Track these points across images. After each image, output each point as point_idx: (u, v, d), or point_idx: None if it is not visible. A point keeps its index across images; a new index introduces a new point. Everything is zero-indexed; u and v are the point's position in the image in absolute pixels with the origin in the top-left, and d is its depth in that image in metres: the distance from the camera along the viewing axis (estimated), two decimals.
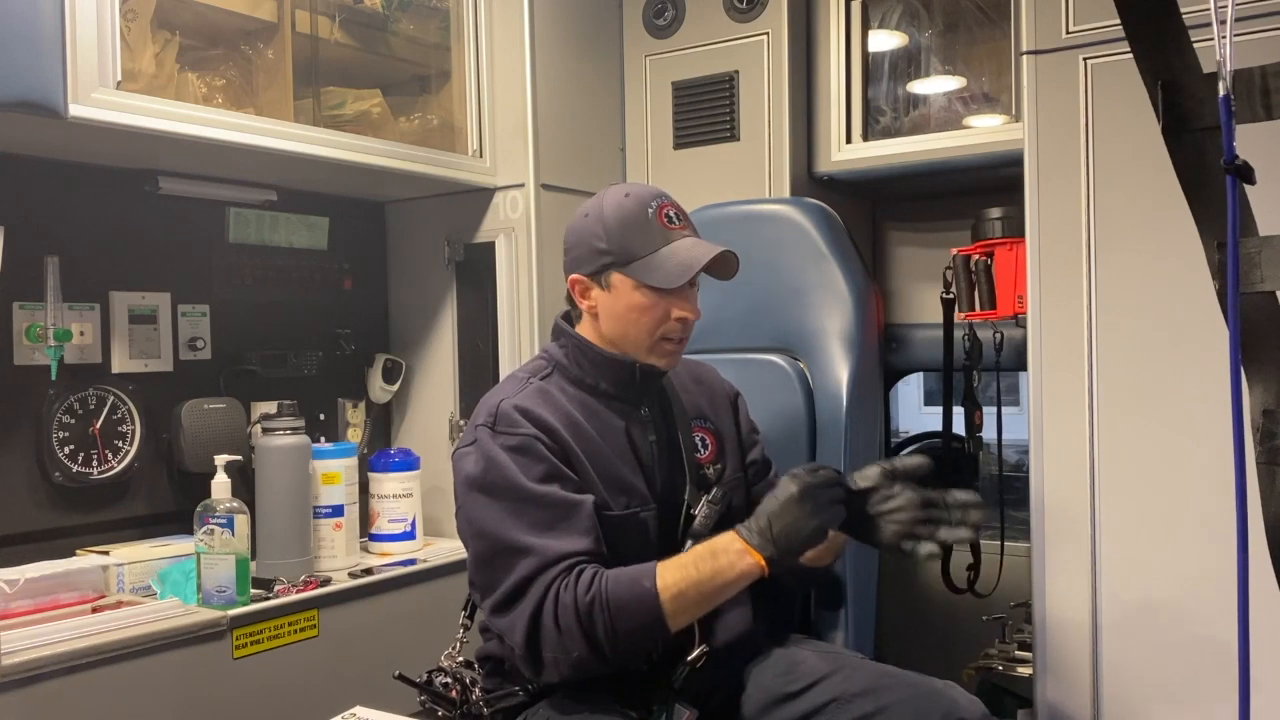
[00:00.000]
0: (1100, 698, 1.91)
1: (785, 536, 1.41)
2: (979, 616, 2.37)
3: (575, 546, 1.45)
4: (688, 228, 1.58)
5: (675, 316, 1.55)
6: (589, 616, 1.40)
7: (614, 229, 1.54)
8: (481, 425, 1.54)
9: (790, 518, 1.41)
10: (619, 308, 1.56)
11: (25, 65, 1.62)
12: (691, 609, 1.44)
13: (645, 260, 1.52)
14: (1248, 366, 1.00)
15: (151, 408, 2.18)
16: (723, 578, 1.43)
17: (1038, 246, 1.96)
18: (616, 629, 1.40)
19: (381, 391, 2.65)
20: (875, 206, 2.87)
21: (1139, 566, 1.88)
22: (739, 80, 2.55)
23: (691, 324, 1.59)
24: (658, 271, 1.52)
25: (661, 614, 1.41)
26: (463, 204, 2.54)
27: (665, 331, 1.56)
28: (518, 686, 1.55)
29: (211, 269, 2.34)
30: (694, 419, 1.69)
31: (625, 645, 1.42)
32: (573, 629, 1.40)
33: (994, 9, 2.44)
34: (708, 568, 1.43)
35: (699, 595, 1.43)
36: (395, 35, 2.48)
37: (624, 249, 1.53)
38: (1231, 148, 0.92)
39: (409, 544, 2.39)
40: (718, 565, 1.43)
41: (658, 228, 1.53)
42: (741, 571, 1.43)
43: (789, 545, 1.42)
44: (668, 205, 1.57)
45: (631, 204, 1.55)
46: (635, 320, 1.56)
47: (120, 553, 1.99)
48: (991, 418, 2.46)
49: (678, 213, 1.58)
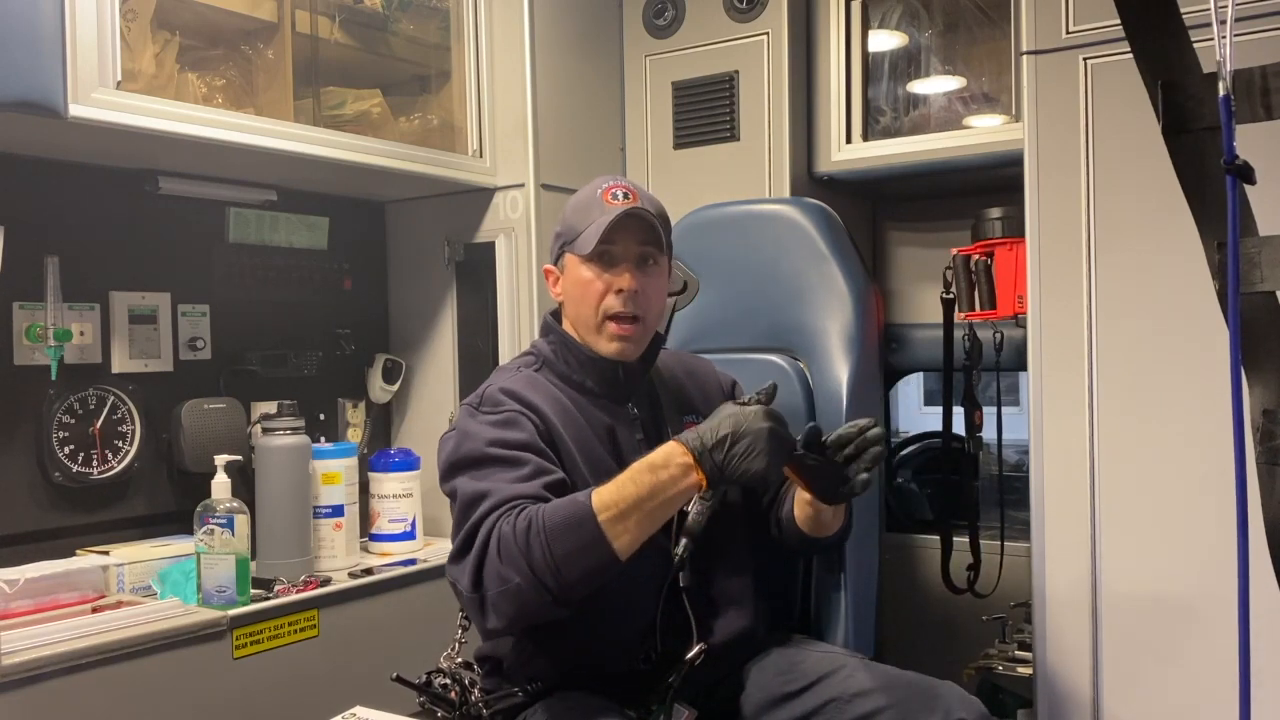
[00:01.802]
0: (1100, 697, 1.91)
1: (732, 466, 1.35)
2: (979, 616, 2.37)
3: (528, 491, 1.41)
4: (633, 204, 1.55)
5: (614, 288, 1.54)
6: (525, 541, 1.34)
7: (568, 213, 1.61)
8: (465, 405, 1.56)
9: (744, 448, 1.34)
10: (569, 286, 1.59)
11: (25, 65, 1.62)
12: (634, 529, 1.35)
13: (582, 234, 1.54)
14: (1248, 366, 1.00)
15: (151, 408, 2.18)
16: (665, 494, 1.35)
17: (1038, 246, 1.96)
18: (554, 551, 1.33)
19: (381, 391, 2.65)
20: (875, 206, 2.87)
21: (1139, 566, 1.88)
22: (739, 80, 2.55)
23: (636, 299, 1.55)
24: (584, 240, 1.53)
25: (600, 533, 1.34)
26: (463, 204, 2.54)
27: (608, 308, 1.55)
28: (517, 687, 1.55)
29: (211, 269, 2.34)
30: (685, 415, 1.67)
31: (567, 570, 1.34)
32: (512, 555, 1.34)
33: (994, 9, 2.44)
34: (647, 482, 1.35)
35: (640, 514, 1.35)
36: (395, 35, 2.48)
37: (571, 228, 1.58)
38: (1231, 148, 0.92)
39: (409, 544, 2.39)
40: (658, 480, 1.35)
41: (599, 204, 1.55)
42: (684, 489, 1.36)
43: (732, 475, 1.35)
44: (617, 186, 1.57)
45: (586, 189, 1.60)
46: (581, 297, 1.57)
47: (120, 553, 1.99)
48: (991, 418, 2.46)
49: (626, 192, 1.56)
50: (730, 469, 1.34)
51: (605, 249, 1.53)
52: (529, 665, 1.56)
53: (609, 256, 1.55)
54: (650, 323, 1.60)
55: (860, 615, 1.87)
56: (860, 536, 1.89)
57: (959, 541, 2.45)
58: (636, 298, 1.55)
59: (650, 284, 1.57)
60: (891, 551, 2.61)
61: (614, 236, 1.53)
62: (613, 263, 1.55)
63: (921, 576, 2.66)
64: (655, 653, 1.51)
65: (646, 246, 1.57)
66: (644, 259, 1.57)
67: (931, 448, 3.00)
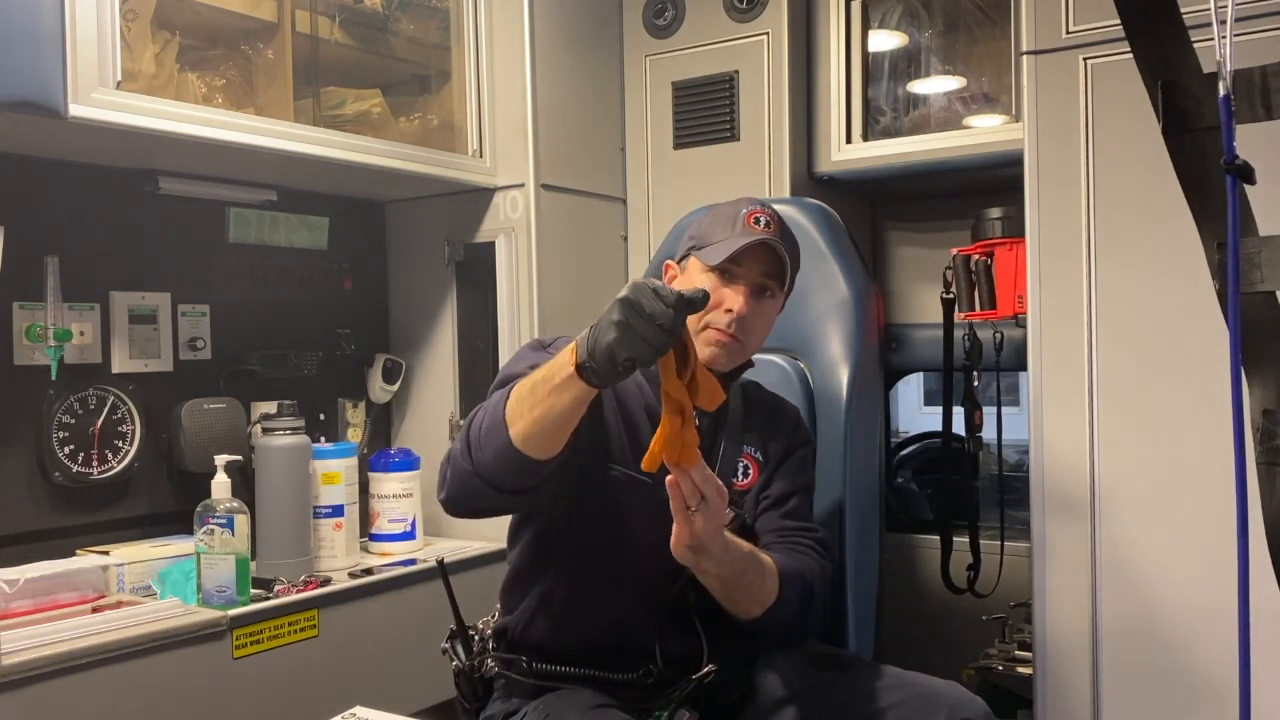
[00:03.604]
0: (1100, 697, 1.91)
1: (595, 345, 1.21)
2: (979, 616, 2.38)
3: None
4: (771, 234, 1.57)
5: (725, 306, 1.56)
6: (473, 416, 1.38)
7: (705, 221, 1.64)
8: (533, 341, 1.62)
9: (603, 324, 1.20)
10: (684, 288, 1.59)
11: (25, 65, 1.62)
12: (527, 414, 1.29)
13: (713, 245, 1.58)
14: (1248, 366, 1.00)
15: (151, 408, 2.18)
16: (551, 379, 1.27)
17: (1038, 246, 1.97)
18: (484, 430, 1.33)
19: (381, 391, 2.65)
20: (875, 206, 2.88)
21: (1139, 566, 1.88)
22: (739, 80, 2.55)
23: (742, 323, 1.56)
24: (714, 252, 1.56)
25: (502, 414, 1.30)
26: (463, 204, 2.54)
27: (713, 321, 1.56)
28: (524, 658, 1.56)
29: (211, 269, 2.34)
30: (745, 444, 1.67)
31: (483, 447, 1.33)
32: (467, 423, 1.39)
33: (994, 9, 2.44)
34: (546, 366, 1.29)
35: (533, 397, 1.28)
36: (395, 35, 2.48)
37: (704, 237, 1.61)
38: (1231, 148, 0.92)
39: (409, 544, 2.39)
40: (553, 364, 1.28)
41: (740, 225, 1.58)
42: (566, 377, 1.24)
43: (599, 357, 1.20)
44: (761, 212, 1.59)
45: (730, 205, 1.63)
46: None
47: (120, 553, 1.99)
48: (991, 418, 2.46)
49: (769, 220, 1.59)
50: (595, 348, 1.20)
51: (729, 267, 1.56)
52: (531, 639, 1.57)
53: (730, 275, 1.57)
54: (749, 346, 1.61)
55: (860, 615, 1.87)
56: (860, 536, 1.89)
57: (959, 541, 2.46)
58: (743, 322, 1.56)
59: (760, 312, 1.59)
60: (891, 551, 2.61)
61: (741, 258, 1.55)
62: (731, 281, 1.57)
63: (921, 576, 2.66)
64: (656, 666, 1.51)
65: (768, 279, 1.59)
66: (762, 289, 1.59)
67: (931, 448, 3.00)
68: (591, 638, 1.55)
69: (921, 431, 3.27)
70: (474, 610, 1.68)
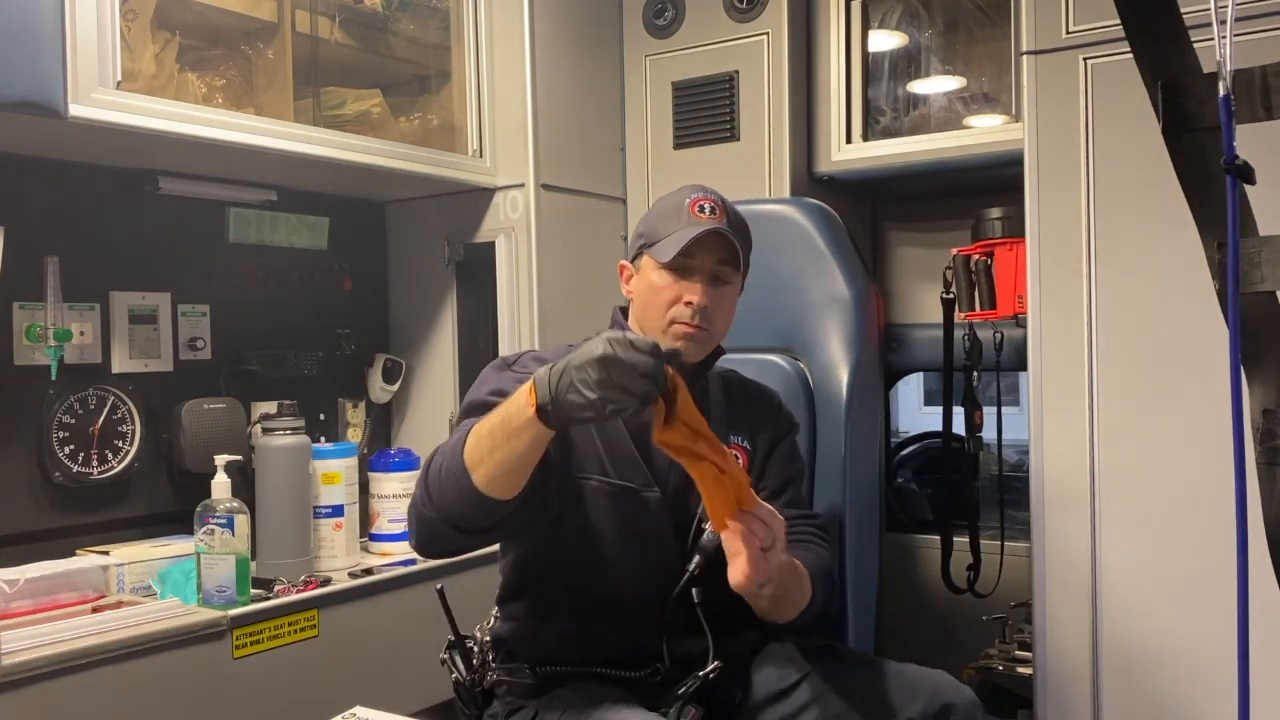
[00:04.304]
0: (1100, 698, 1.91)
1: (561, 397, 1.17)
2: (979, 616, 2.38)
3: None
4: (718, 220, 1.56)
5: (684, 299, 1.55)
6: (430, 461, 1.38)
7: (652, 216, 1.62)
8: (498, 360, 1.60)
9: (580, 375, 1.16)
10: (641, 288, 1.60)
11: (25, 65, 1.61)
12: (486, 458, 1.27)
13: (662, 240, 1.56)
14: (1248, 366, 1.00)
15: (151, 408, 2.18)
16: (509, 423, 1.24)
17: (1038, 246, 1.97)
18: (443, 475, 1.33)
19: (381, 391, 2.65)
20: (875, 206, 2.88)
21: (1139, 566, 1.88)
22: (739, 80, 2.55)
23: (705, 313, 1.55)
24: (664, 247, 1.55)
25: (463, 460, 1.29)
26: (463, 204, 2.54)
27: (675, 316, 1.56)
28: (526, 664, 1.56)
29: (211, 269, 2.34)
30: (732, 434, 1.66)
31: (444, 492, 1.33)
32: (424, 470, 1.39)
33: (994, 9, 2.44)
34: (502, 410, 1.26)
35: (491, 441, 1.26)
36: (395, 35, 2.48)
37: (653, 232, 1.59)
38: (1231, 148, 0.92)
39: (409, 544, 2.38)
40: (509, 408, 1.25)
41: (686, 215, 1.57)
42: (525, 417, 1.21)
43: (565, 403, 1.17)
44: (705, 199, 1.58)
45: (674, 195, 1.62)
46: (651, 300, 1.58)
47: (120, 553, 1.99)
48: (991, 418, 2.46)
49: (714, 206, 1.58)
50: (560, 400, 1.17)
51: (683, 261, 1.55)
52: (536, 652, 1.57)
53: (685, 269, 1.56)
54: (715, 333, 1.60)
55: (860, 615, 1.87)
56: (860, 536, 1.89)
57: (959, 541, 2.46)
58: (705, 312, 1.55)
59: (721, 300, 1.59)
60: (891, 551, 2.61)
61: (693, 250, 1.54)
62: (687, 274, 1.56)
63: (921, 576, 2.66)
64: (664, 665, 1.51)
65: (723, 265, 1.58)
66: (718, 276, 1.58)
67: (931, 448, 3.00)
68: (596, 647, 1.54)
69: (921, 431, 3.27)
70: (472, 614, 1.67)
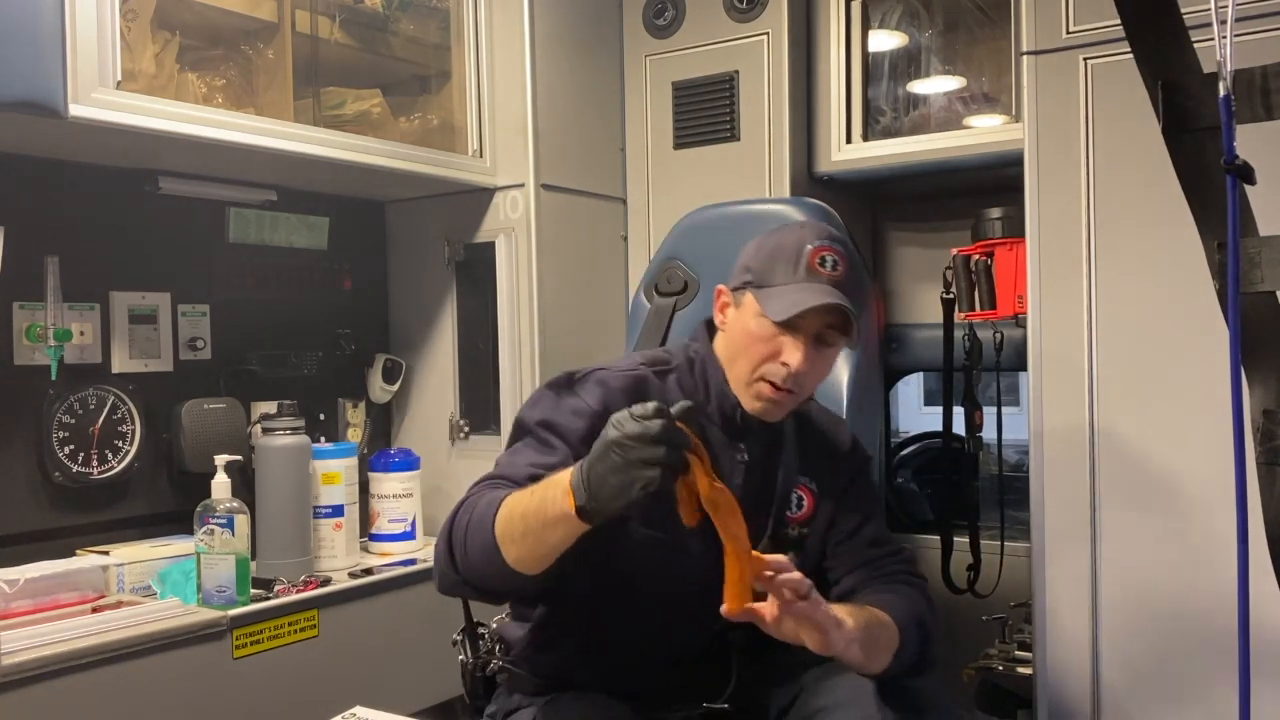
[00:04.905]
0: (1100, 698, 1.91)
1: (598, 485, 1.16)
2: (979, 616, 2.37)
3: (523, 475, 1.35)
4: (837, 278, 1.44)
5: (781, 359, 1.44)
6: (456, 514, 1.34)
7: (765, 253, 1.49)
8: (562, 374, 1.51)
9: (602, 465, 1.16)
10: (738, 329, 1.49)
11: (25, 65, 1.62)
12: (519, 540, 1.25)
13: (774, 289, 1.45)
14: (1248, 366, 1.00)
15: (151, 408, 2.18)
16: (544, 513, 1.22)
17: (1038, 246, 1.96)
18: (469, 541, 1.30)
19: (381, 391, 2.65)
20: (875, 206, 2.87)
21: (1139, 566, 1.88)
22: (739, 80, 2.55)
23: (799, 378, 1.44)
24: (776, 302, 1.44)
25: (493, 540, 1.27)
26: (463, 204, 2.54)
27: (767, 372, 1.45)
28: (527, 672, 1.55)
29: (211, 269, 2.34)
30: (800, 475, 1.57)
31: (470, 560, 1.31)
32: (449, 524, 1.35)
33: (994, 9, 2.44)
34: (538, 496, 1.24)
35: (525, 525, 1.25)
36: (395, 35, 2.48)
37: (764, 274, 1.47)
38: (1231, 148, 0.92)
39: (409, 544, 2.39)
40: (545, 496, 1.23)
41: (804, 266, 1.44)
42: (562, 511, 1.19)
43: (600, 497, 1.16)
44: (829, 249, 1.45)
45: (792, 236, 1.49)
46: (746, 347, 1.47)
47: (120, 553, 1.99)
48: (991, 418, 2.46)
49: (836, 260, 1.45)
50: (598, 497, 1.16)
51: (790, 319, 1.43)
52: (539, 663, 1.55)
53: (790, 324, 1.43)
54: (802, 395, 1.51)
55: None
56: None
57: (959, 541, 2.45)
58: (800, 377, 1.44)
59: (819, 362, 1.48)
60: None
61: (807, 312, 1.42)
62: (791, 330, 1.43)
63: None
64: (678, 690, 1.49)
65: (830, 330, 1.45)
66: (822, 339, 1.45)
67: (931, 448, 3.00)
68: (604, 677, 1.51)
69: (921, 431, 3.26)
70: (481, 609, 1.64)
